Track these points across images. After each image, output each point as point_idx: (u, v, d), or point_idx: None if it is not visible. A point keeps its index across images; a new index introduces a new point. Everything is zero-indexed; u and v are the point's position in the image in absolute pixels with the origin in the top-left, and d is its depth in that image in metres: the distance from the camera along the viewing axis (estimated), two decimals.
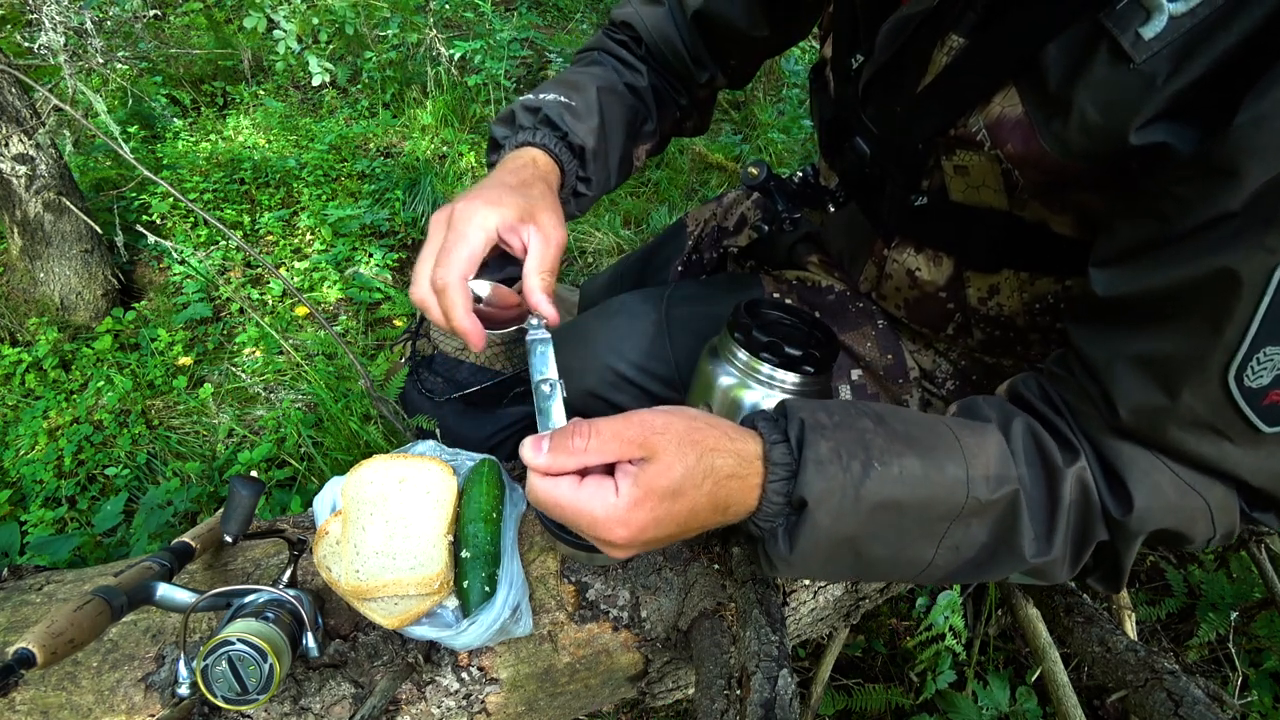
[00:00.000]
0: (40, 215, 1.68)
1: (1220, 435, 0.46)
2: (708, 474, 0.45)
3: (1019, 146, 0.54)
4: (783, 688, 0.56)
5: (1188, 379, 0.45)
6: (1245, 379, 0.43)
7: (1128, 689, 0.69)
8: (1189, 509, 0.48)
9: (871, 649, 1.27)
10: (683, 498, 0.45)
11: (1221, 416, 0.45)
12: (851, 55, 0.68)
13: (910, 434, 0.50)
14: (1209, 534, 0.50)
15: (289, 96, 2.81)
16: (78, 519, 1.42)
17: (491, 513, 0.72)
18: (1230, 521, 0.49)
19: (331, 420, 1.51)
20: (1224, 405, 0.44)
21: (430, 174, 2.33)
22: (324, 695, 0.67)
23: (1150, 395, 0.47)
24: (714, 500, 0.46)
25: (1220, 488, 0.48)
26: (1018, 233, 0.62)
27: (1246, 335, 0.42)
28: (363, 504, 0.69)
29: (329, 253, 2.07)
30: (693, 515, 0.46)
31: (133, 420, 1.61)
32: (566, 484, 0.45)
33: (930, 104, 0.60)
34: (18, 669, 0.49)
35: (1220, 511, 0.49)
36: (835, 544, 0.48)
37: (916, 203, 0.68)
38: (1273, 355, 0.42)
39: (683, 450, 0.45)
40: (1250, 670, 1.17)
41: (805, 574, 0.55)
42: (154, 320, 1.85)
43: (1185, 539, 0.50)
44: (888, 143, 0.68)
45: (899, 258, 0.75)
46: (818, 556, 0.49)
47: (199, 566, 0.73)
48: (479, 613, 0.65)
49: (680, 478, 0.44)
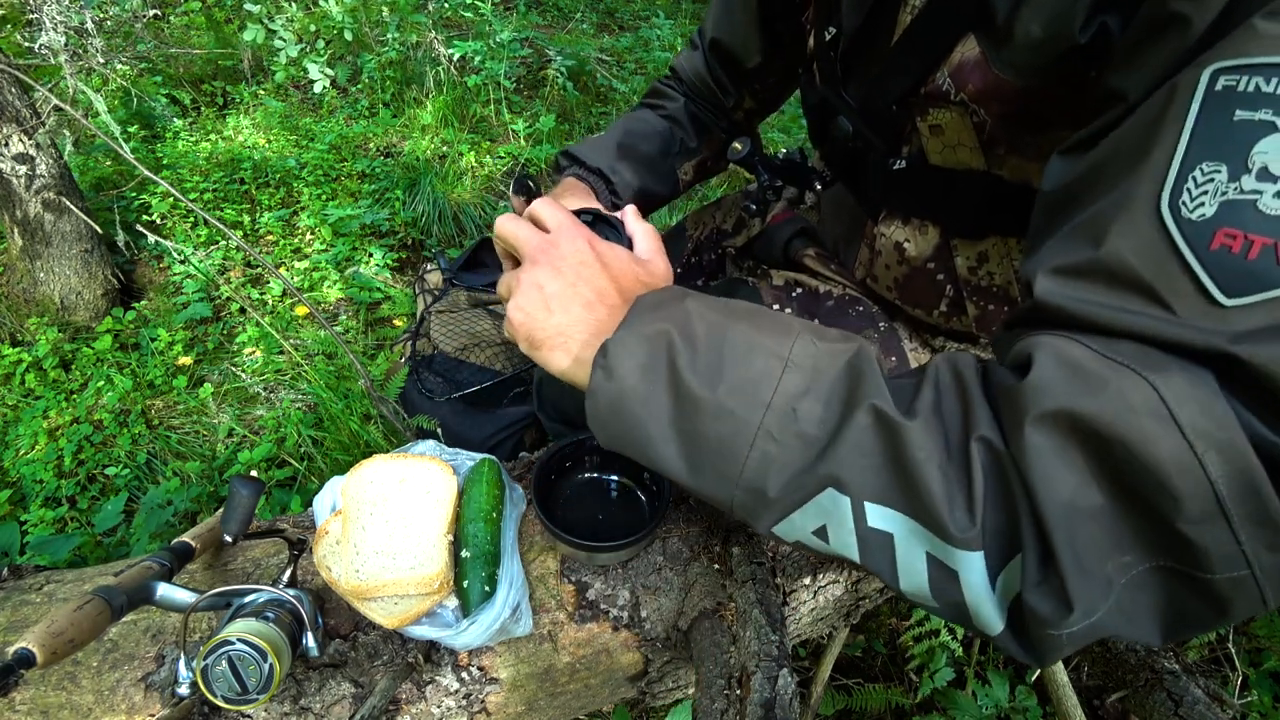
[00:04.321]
0: (40, 215, 1.68)
1: (1156, 301, 0.33)
2: (586, 275, 0.53)
3: (978, 83, 0.56)
4: (783, 688, 0.56)
5: (1114, 219, 0.35)
6: (1182, 207, 0.33)
7: (1128, 689, 0.69)
8: (1121, 395, 0.31)
9: (871, 649, 1.27)
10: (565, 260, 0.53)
11: (1158, 268, 0.33)
12: (825, 30, 0.72)
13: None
14: (1181, 456, 0.30)
15: (289, 96, 2.81)
16: (78, 519, 1.42)
17: (491, 512, 0.72)
18: (1227, 442, 0.30)
19: (331, 420, 1.51)
20: (1159, 247, 0.33)
21: (430, 174, 2.33)
22: (324, 695, 0.67)
23: (1074, 253, 0.37)
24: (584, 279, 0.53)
25: (1179, 373, 0.31)
26: (1000, 194, 0.64)
27: (1176, 150, 0.33)
28: (363, 504, 0.69)
29: (329, 252, 2.08)
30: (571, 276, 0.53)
31: (133, 420, 1.61)
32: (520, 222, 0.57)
33: (898, 62, 0.62)
34: (18, 669, 0.49)
35: (1190, 410, 0.30)
36: (649, 337, 0.44)
37: (895, 165, 0.70)
38: (1211, 174, 0.32)
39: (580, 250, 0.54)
40: (1250, 670, 1.17)
41: (620, 395, 0.45)
42: (154, 320, 1.85)
43: (1146, 464, 0.31)
44: (866, 112, 0.70)
45: (887, 231, 0.76)
46: (634, 357, 0.44)
47: (199, 566, 0.73)
48: (479, 613, 0.65)
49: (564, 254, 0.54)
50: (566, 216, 0.56)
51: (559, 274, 0.52)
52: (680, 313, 0.45)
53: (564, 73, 2.93)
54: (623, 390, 0.45)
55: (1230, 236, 0.31)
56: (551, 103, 2.95)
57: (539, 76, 3.08)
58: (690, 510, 0.80)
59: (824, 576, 0.80)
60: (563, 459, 0.78)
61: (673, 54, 3.52)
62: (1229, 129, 0.32)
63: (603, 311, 0.52)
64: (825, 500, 0.40)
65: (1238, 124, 0.32)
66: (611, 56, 3.36)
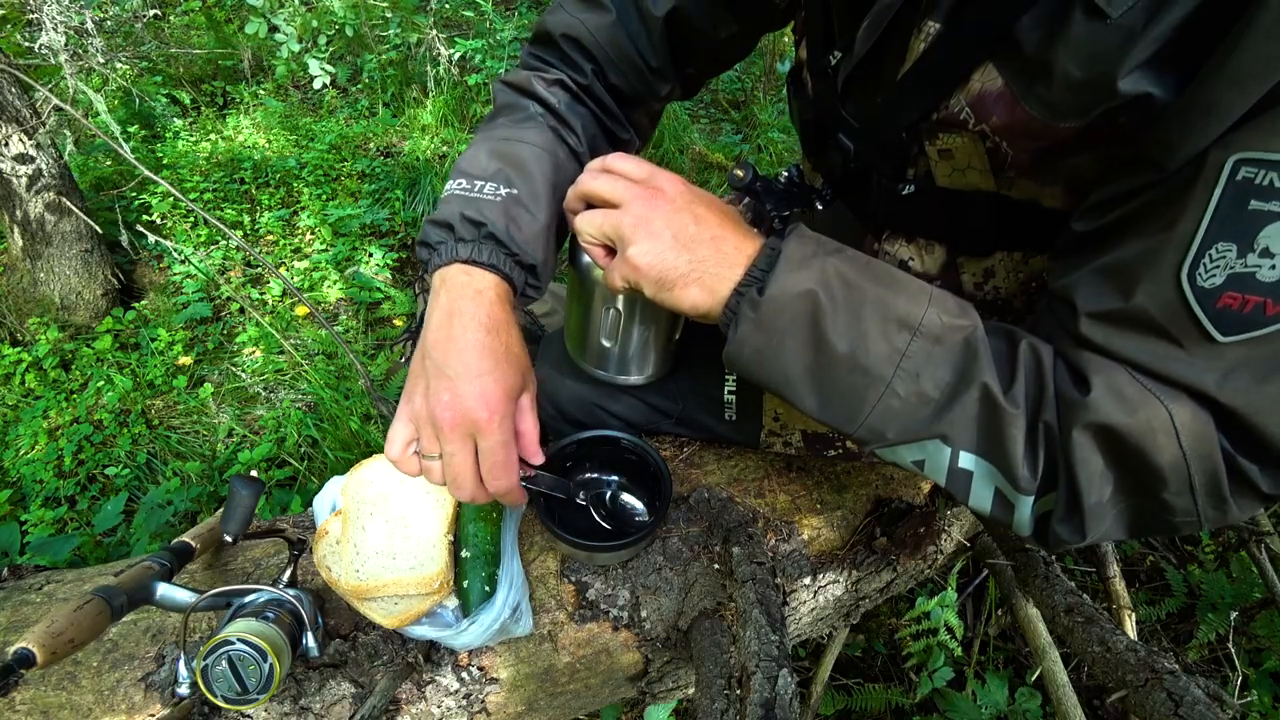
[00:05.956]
0: (41, 215, 1.68)
1: (1172, 341, 0.45)
2: (700, 212, 0.56)
3: (1004, 117, 0.55)
4: (783, 688, 0.56)
5: (1141, 279, 0.45)
6: (1198, 277, 0.43)
7: (1128, 689, 0.69)
8: (1148, 416, 0.45)
9: (871, 649, 1.27)
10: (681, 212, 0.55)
11: (1174, 319, 0.44)
12: (828, 53, 0.69)
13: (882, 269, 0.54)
14: (1177, 460, 0.45)
15: (289, 96, 2.81)
16: (78, 519, 1.42)
17: (491, 512, 0.72)
18: (1206, 454, 0.45)
19: (331, 420, 1.51)
20: (1176, 306, 0.44)
21: (430, 173, 2.33)
22: (324, 695, 0.67)
23: (1107, 300, 0.47)
24: (702, 222, 0.55)
25: (1188, 404, 0.45)
26: (1008, 213, 0.63)
27: (1199, 230, 0.42)
28: (363, 504, 0.69)
29: (329, 252, 2.08)
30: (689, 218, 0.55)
31: (133, 420, 1.61)
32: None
33: (911, 90, 0.61)
34: (18, 669, 0.49)
35: (1189, 434, 0.45)
36: (798, 296, 0.50)
37: (904, 191, 0.68)
38: (1224, 253, 0.42)
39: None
40: (1250, 670, 1.17)
41: (767, 344, 0.53)
42: (154, 320, 1.85)
43: (1149, 461, 0.46)
44: (870, 135, 0.68)
45: (890, 249, 0.75)
46: (783, 314, 0.51)
47: (199, 566, 0.73)
48: (479, 612, 0.65)
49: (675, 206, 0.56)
50: (649, 165, 0.59)
51: (676, 213, 0.55)
52: (825, 272, 0.51)
53: None
54: (769, 340, 0.52)
55: (1232, 299, 0.42)
56: None
57: None
58: (690, 510, 0.80)
59: (824, 576, 0.80)
60: (563, 459, 0.78)
61: None
62: (1242, 215, 0.40)
63: (727, 245, 0.55)
64: (931, 445, 0.52)
65: (1250, 212, 0.40)
66: None
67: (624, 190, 0.56)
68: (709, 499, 0.81)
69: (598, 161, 0.60)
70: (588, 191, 0.59)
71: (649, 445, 0.76)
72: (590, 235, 0.58)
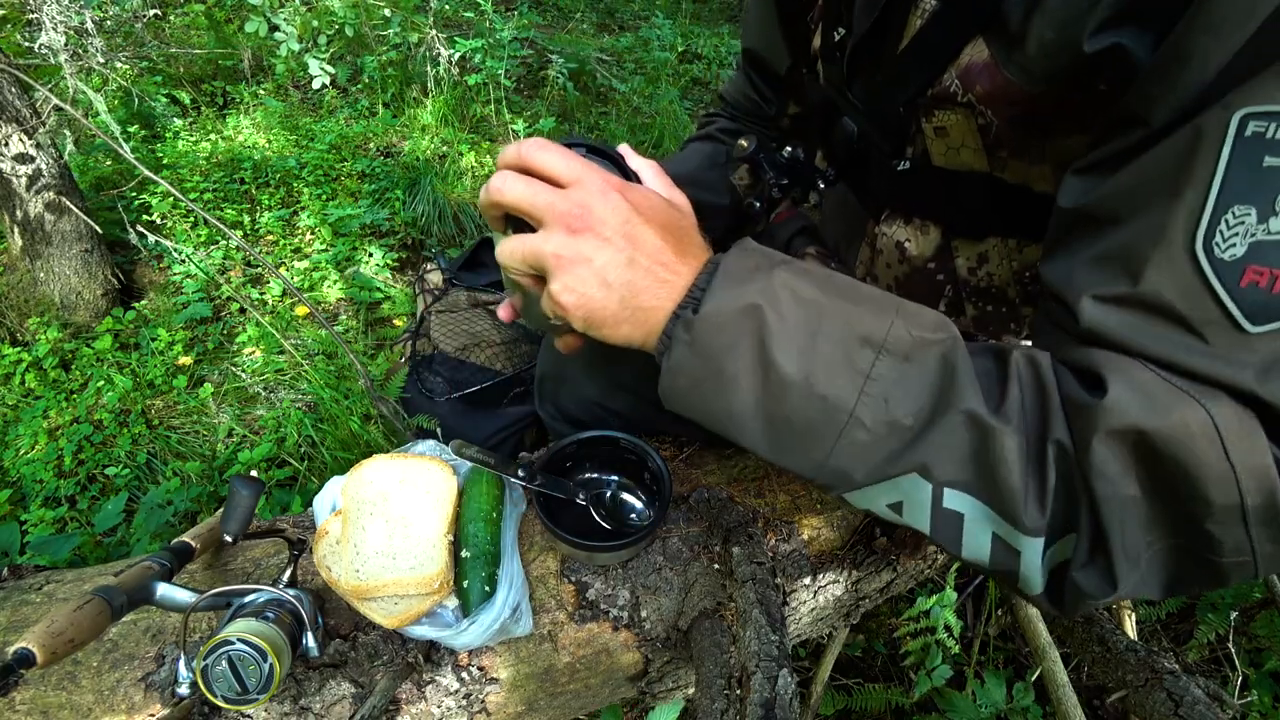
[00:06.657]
0: (40, 215, 1.68)
1: (1194, 333, 0.38)
2: (632, 232, 0.46)
3: (986, 84, 0.56)
4: (783, 688, 0.56)
5: (1150, 258, 0.38)
6: (1215, 248, 0.37)
7: (1128, 689, 0.69)
8: (1184, 420, 0.37)
9: (871, 649, 1.27)
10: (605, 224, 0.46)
11: (1194, 304, 0.38)
12: (834, 30, 0.71)
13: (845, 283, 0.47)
14: (1224, 475, 0.36)
15: (289, 96, 2.81)
16: (78, 519, 1.42)
17: (491, 512, 0.72)
18: (1259, 467, 0.36)
19: (331, 420, 1.51)
20: (1195, 286, 0.37)
21: (430, 174, 2.33)
22: (324, 695, 0.67)
23: (1111, 283, 0.40)
24: (635, 247, 0.46)
25: (1229, 404, 0.37)
26: (1001, 196, 0.64)
27: (1210, 193, 0.36)
28: (363, 504, 0.69)
29: (329, 252, 2.08)
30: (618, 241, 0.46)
31: (133, 420, 1.61)
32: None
33: (908, 66, 0.62)
34: (18, 669, 0.49)
35: (1236, 439, 0.36)
36: (739, 313, 0.43)
37: (900, 167, 0.70)
38: (1243, 217, 0.36)
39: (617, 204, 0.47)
40: (1250, 670, 1.17)
41: (704, 371, 0.44)
42: (154, 320, 1.85)
43: (1189, 476, 0.37)
44: (872, 113, 0.70)
45: (888, 230, 0.77)
46: (721, 334, 0.43)
47: (199, 566, 0.73)
48: (479, 613, 0.65)
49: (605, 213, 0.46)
50: (580, 162, 0.48)
51: (606, 242, 0.46)
52: (771, 286, 0.43)
53: (564, 73, 2.93)
54: (707, 367, 0.44)
55: (1258, 273, 0.36)
56: (551, 102, 2.95)
57: (539, 76, 3.08)
58: (690, 510, 0.80)
59: (824, 576, 0.80)
60: (563, 459, 0.78)
61: (673, 54, 3.52)
62: (1259, 174, 0.35)
63: (664, 273, 0.47)
64: (906, 483, 0.43)
65: (1267, 170, 0.35)
66: (611, 56, 3.36)
67: (545, 208, 0.46)
68: (709, 499, 0.81)
69: (513, 150, 0.49)
70: (503, 202, 0.48)
71: (649, 445, 0.76)
72: (514, 269, 0.49)
